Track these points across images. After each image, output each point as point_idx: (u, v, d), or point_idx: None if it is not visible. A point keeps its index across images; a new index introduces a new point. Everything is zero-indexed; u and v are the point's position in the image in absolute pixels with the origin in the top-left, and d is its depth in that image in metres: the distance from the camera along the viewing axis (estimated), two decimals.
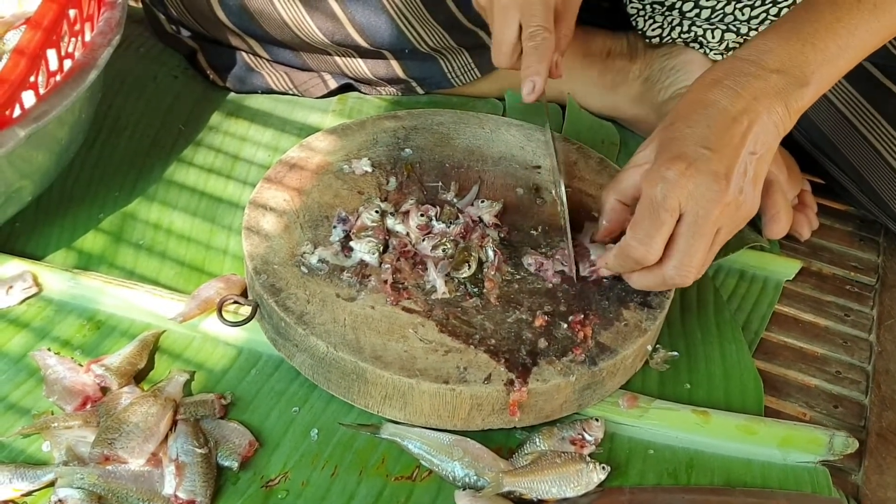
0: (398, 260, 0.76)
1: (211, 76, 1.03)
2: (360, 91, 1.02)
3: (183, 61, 1.05)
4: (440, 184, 0.85)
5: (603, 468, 0.67)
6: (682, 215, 0.65)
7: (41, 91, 0.77)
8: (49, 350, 0.73)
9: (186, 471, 0.64)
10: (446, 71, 0.99)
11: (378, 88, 1.02)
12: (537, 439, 0.70)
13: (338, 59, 0.98)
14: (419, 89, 1.01)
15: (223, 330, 0.75)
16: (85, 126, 0.83)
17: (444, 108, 0.94)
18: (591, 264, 0.76)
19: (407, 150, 0.87)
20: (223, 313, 0.74)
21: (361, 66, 0.98)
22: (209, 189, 0.91)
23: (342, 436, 0.70)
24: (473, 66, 0.98)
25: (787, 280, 0.89)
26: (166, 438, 0.67)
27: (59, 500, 0.62)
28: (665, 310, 0.75)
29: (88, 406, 0.69)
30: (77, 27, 0.82)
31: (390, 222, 0.79)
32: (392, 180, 0.84)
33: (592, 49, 1.02)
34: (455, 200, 0.83)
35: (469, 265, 0.75)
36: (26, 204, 0.80)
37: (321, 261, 0.75)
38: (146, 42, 1.07)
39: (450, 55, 0.98)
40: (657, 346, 0.78)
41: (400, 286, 0.74)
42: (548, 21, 0.73)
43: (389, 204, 0.81)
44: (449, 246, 0.77)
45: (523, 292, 0.75)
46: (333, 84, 1.01)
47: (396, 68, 0.98)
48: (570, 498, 0.66)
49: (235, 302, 0.76)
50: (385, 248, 0.77)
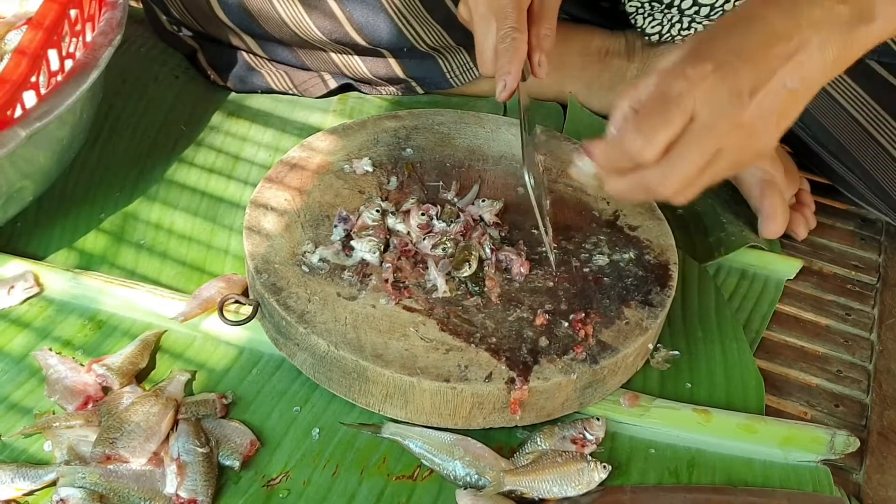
0: (399, 259, 0.76)
1: (212, 76, 1.03)
2: (361, 91, 1.02)
3: (184, 61, 1.05)
4: (441, 183, 0.85)
5: (604, 467, 0.67)
6: (691, 120, 0.58)
7: (42, 91, 0.77)
8: (50, 350, 0.74)
9: (188, 470, 0.64)
10: (445, 71, 0.99)
11: (378, 88, 1.02)
12: (538, 438, 0.70)
13: (336, 59, 0.98)
14: (419, 89, 1.01)
15: (224, 329, 0.75)
16: (86, 126, 0.83)
17: (445, 108, 0.94)
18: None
19: (408, 150, 0.87)
20: (224, 313, 0.74)
21: (360, 66, 0.98)
22: (210, 189, 0.91)
23: (343, 435, 0.70)
24: (472, 66, 0.98)
25: (788, 279, 0.89)
26: (168, 438, 0.67)
27: (61, 500, 0.62)
28: (666, 308, 0.75)
29: (90, 406, 0.69)
30: (78, 27, 0.82)
31: (391, 221, 0.79)
32: (393, 180, 0.84)
33: (590, 48, 1.02)
34: (456, 200, 0.83)
35: (470, 264, 0.75)
36: (28, 204, 0.80)
37: (322, 260, 0.75)
38: (147, 42, 1.07)
39: (448, 54, 0.98)
40: (658, 345, 0.78)
41: (401, 285, 0.74)
42: (519, 23, 0.73)
43: (390, 203, 0.81)
44: (449, 245, 0.77)
45: (524, 291, 0.75)
46: (333, 84, 1.01)
47: (395, 68, 0.98)
48: (572, 497, 0.66)
49: (237, 301, 0.76)
50: (386, 248, 0.77)
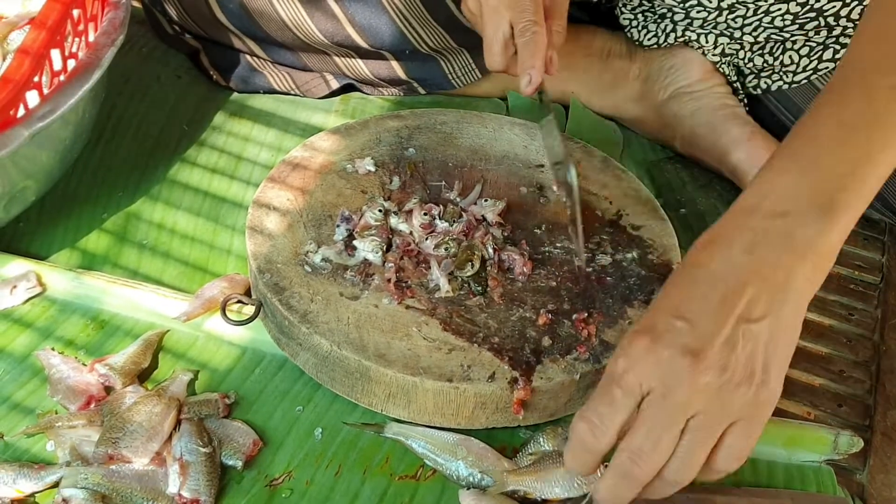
0: (401, 259, 0.76)
1: (214, 76, 1.03)
2: (363, 91, 1.02)
3: (186, 61, 1.05)
4: (443, 183, 0.85)
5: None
6: (645, 396, 0.53)
7: (45, 91, 0.77)
8: (53, 349, 0.73)
9: (190, 470, 0.64)
10: (447, 72, 0.99)
11: (380, 89, 1.02)
12: (541, 439, 0.69)
13: (338, 60, 0.98)
14: (421, 90, 1.01)
15: (227, 329, 0.75)
16: (88, 126, 0.83)
17: (447, 108, 0.94)
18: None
19: (410, 150, 0.87)
20: (227, 312, 0.74)
21: (362, 68, 0.98)
22: (213, 189, 0.91)
23: (346, 435, 0.70)
24: (474, 67, 0.98)
25: None
26: (170, 438, 0.66)
27: (64, 500, 0.62)
28: None
29: (92, 405, 0.69)
30: (81, 27, 0.82)
31: (394, 221, 0.79)
32: (395, 179, 0.84)
33: (592, 49, 1.02)
34: (458, 199, 0.83)
35: (472, 264, 0.75)
36: (30, 204, 0.80)
37: (324, 260, 0.75)
38: (149, 42, 1.07)
39: (450, 56, 0.98)
40: None
41: (403, 285, 0.74)
42: (538, 16, 0.74)
43: (393, 203, 0.81)
44: (452, 244, 0.76)
45: (527, 290, 0.75)
46: (335, 84, 1.01)
47: (397, 69, 0.98)
48: (574, 498, 0.66)
49: (239, 301, 0.76)
50: (388, 247, 0.77)
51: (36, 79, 0.75)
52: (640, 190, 0.86)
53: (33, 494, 0.64)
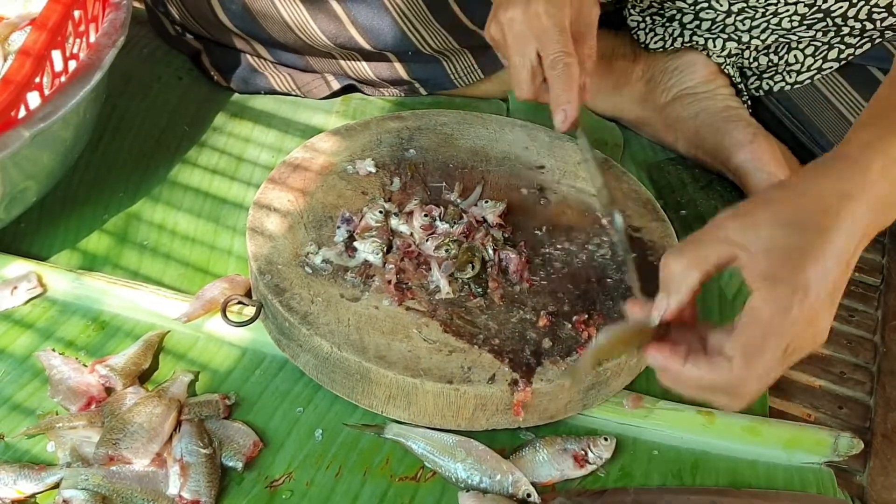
0: (402, 260, 0.76)
1: (215, 77, 1.03)
2: (363, 92, 1.02)
3: (187, 62, 1.05)
4: (444, 184, 0.85)
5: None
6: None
7: (46, 92, 0.77)
8: (54, 350, 0.74)
9: (191, 471, 0.64)
10: (449, 72, 0.99)
11: (381, 89, 1.02)
12: (538, 444, 0.69)
13: (341, 61, 0.98)
14: (422, 90, 1.01)
15: (227, 330, 0.75)
16: (89, 127, 0.83)
17: (448, 109, 0.94)
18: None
19: (411, 151, 0.87)
20: (227, 313, 0.74)
21: (365, 68, 0.98)
22: (213, 190, 0.91)
23: (346, 436, 0.70)
24: (476, 67, 0.98)
25: None
26: (171, 439, 0.67)
27: (65, 501, 0.62)
28: None
29: (93, 406, 0.69)
30: (82, 28, 0.82)
31: (394, 222, 0.79)
32: (396, 181, 0.84)
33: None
34: (459, 201, 0.83)
35: (473, 265, 0.75)
36: (31, 204, 0.80)
37: (325, 261, 0.75)
38: (150, 43, 1.07)
39: (453, 56, 0.98)
40: None
41: (404, 286, 0.74)
42: (567, 45, 0.71)
43: (393, 204, 0.81)
44: (452, 246, 0.76)
45: (527, 292, 0.75)
46: (336, 85, 1.01)
47: (400, 70, 0.98)
48: (575, 499, 0.66)
49: (240, 302, 0.76)
50: (389, 249, 0.77)
51: (37, 80, 0.75)
52: (641, 191, 0.86)
53: (34, 495, 0.64)
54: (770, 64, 0.95)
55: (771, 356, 0.55)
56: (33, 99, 0.75)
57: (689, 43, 0.94)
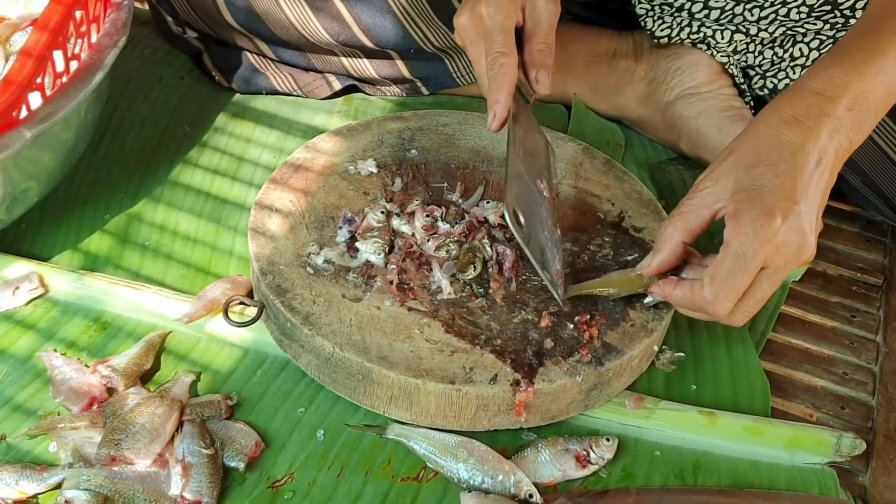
0: (404, 260, 0.76)
1: (216, 77, 1.03)
2: (365, 92, 1.02)
3: (188, 63, 1.05)
4: (445, 185, 0.84)
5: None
6: (763, 268, 0.64)
7: (48, 92, 0.77)
8: (55, 351, 0.73)
9: (193, 471, 0.64)
10: (451, 70, 0.99)
11: (382, 89, 1.02)
12: (540, 445, 0.69)
13: (343, 60, 0.98)
14: (424, 89, 1.01)
15: (229, 331, 0.75)
16: (91, 127, 0.83)
17: (449, 109, 0.94)
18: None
19: (412, 151, 0.87)
20: (229, 314, 0.74)
21: (367, 66, 0.98)
22: (215, 190, 0.91)
23: (348, 436, 0.70)
24: None
25: (794, 281, 0.89)
26: (172, 439, 0.66)
27: (66, 502, 0.62)
28: (672, 311, 0.74)
29: (95, 407, 0.69)
30: (83, 28, 0.82)
31: (396, 223, 0.79)
32: (397, 181, 0.84)
33: (598, 50, 1.02)
34: (460, 201, 0.83)
35: (475, 266, 0.75)
36: (32, 205, 0.80)
37: (327, 261, 0.75)
38: (152, 44, 1.07)
39: (455, 55, 0.98)
40: (663, 347, 0.78)
41: (406, 287, 0.74)
42: (504, 45, 0.72)
43: (395, 205, 0.81)
44: (453, 247, 0.76)
45: (529, 293, 0.75)
46: (338, 85, 1.01)
47: (402, 68, 0.98)
48: (577, 500, 0.66)
49: (241, 303, 0.76)
50: (391, 249, 0.77)
51: (38, 80, 0.75)
52: (643, 191, 0.86)
53: (36, 496, 0.64)
54: (775, 58, 0.95)
55: (738, 279, 0.63)
56: (35, 99, 0.75)
57: (697, 34, 0.94)
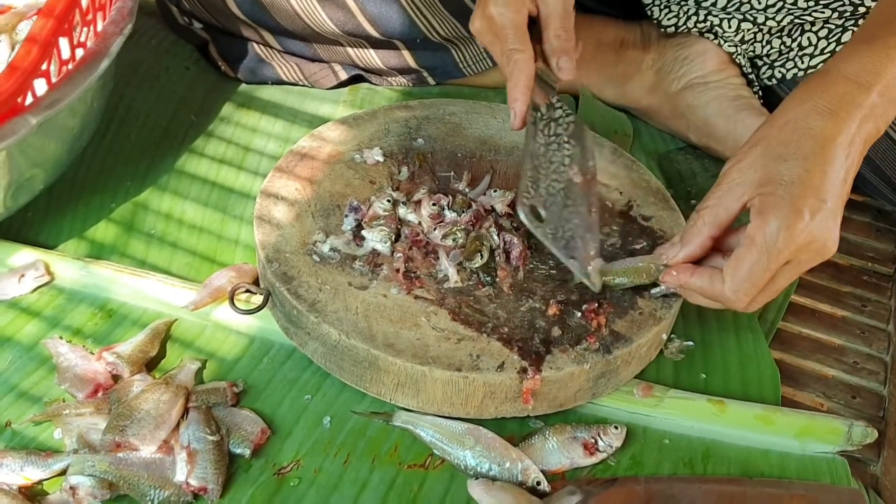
0: (410, 249, 0.75)
1: (222, 67, 1.02)
2: (371, 82, 1.02)
3: (195, 52, 1.05)
4: (452, 174, 0.84)
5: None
6: (787, 263, 0.64)
7: (53, 80, 0.77)
8: (61, 338, 0.73)
9: (198, 458, 0.64)
10: (458, 61, 0.98)
11: (388, 79, 1.01)
12: (547, 433, 0.69)
13: (349, 50, 0.98)
14: (430, 79, 1.00)
15: (235, 319, 0.75)
16: (97, 115, 0.83)
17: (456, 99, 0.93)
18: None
19: (419, 140, 0.87)
20: (235, 301, 0.74)
21: (372, 56, 0.98)
22: (220, 179, 0.91)
23: (355, 423, 0.70)
24: (485, 56, 0.98)
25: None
26: (178, 426, 0.66)
27: (71, 488, 0.62)
28: (681, 299, 0.74)
29: (100, 394, 0.69)
30: (89, 16, 0.81)
31: (402, 211, 0.78)
32: (404, 170, 0.83)
33: (605, 39, 1.01)
34: (467, 190, 0.82)
35: (481, 254, 0.74)
36: (38, 193, 0.80)
37: (333, 249, 0.75)
38: (158, 34, 1.07)
39: (461, 45, 0.97)
40: (672, 336, 0.77)
41: (412, 275, 0.74)
42: (518, 41, 0.71)
43: (401, 193, 0.80)
44: (460, 235, 0.76)
45: (536, 281, 0.74)
46: (344, 75, 1.01)
47: (408, 58, 0.98)
48: (585, 488, 0.65)
49: (247, 290, 0.75)
50: (397, 237, 0.76)
51: (44, 67, 0.75)
52: (651, 180, 0.85)
53: (40, 482, 0.64)
54: (783, 48, 0.94)
55: (760, 276, 0.63)
56: (40, 86, 0.75)
57: (704, 23, 0.93)
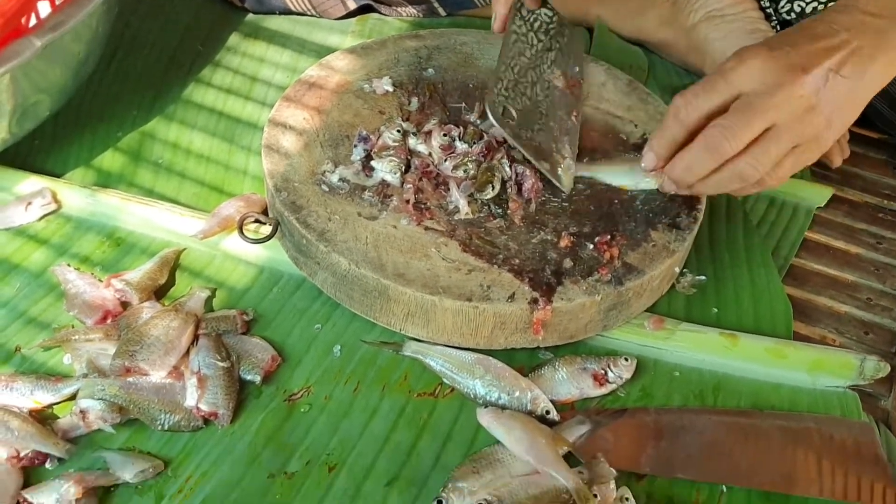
0: (420, 180, 0.74)
1: None
2: (380, 12, 0.99)
3: None
4: (463, 105, 0.82)
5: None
6: (742, 94, 0.63)
7: (57, 2, 0.75)
8: (69, 266, 0.73)
9: (208, 383, 0.64)
10: None
11: (398, 9, 0.99)
12: (557, 363, 0.69)
13: None
14: (441, 10, 0.98)
15: (244, 248, 0.74)
16: (102, 41, 0.81)
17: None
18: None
19: (429, 70, 0.85)
20: (244, 231, 0.73)
21: None
22: (227, 110, 0.89)
23: (365, 353, 0.69)
24: None
25: (819, 207, 0.87)
26: (188, 353, 0.66)
27: (82, 411, 0.62)
28: (694, 232, 0.73)
29: (109, 320, 0.68)
30: None
31: (412, 142, 0.77)
32: (414, 101, 0.82)
33: None
34: (478, 122, 0.81)
35: (493, 186, 0.73)
36: (43, 120, 0.78)
37: (342, 180, 0.74)
38: None
39: None
40: (684, 270, 0.76)
41: (422, 206, 0.73)
42: None
43: (411, 124, 0.79)
44: (471, 166, 0.75)
45: (548, 213, 0.73)
46: (353, 5, 0.98)
47: None
48: (594, 418, 0.65)
49: (256, 220, 0.75)
50: (407, 168, 0.75)
51: None
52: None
53: (51, 406, 0.64)
54: None
55: (747, 120, 0.62)
56: (44, 8, 0.73)
57: None
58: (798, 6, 0.94)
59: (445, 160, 0.76)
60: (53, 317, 0.70)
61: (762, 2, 0.93)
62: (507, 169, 0.75)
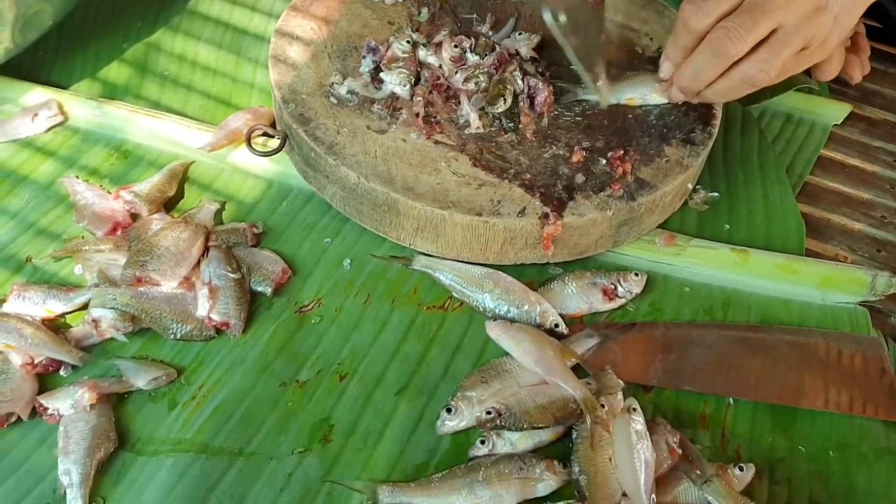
0: (430, 93, 0.73)
1: None
2: None
3: None
4: (475, 16, 0.80)
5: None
6: (775, 30, 0.62)
7: None
8: (77, 177, 0.72)
9: (220, 294, 0.64)
10: None
11: None
12: (567, 278, 0.68)
13: None
14: None
15: (252, 162, 0.74)
16: None
17: None
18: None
19: None
20: (252, 144, 0.72)
21: None
22: (234, 21, 0.87)
23: (374, 267, 0.69)
24: None
25: (835, 124, 0.85)
26: (198, 264, 0.66)
27: (94, 320, 0.63)
28: (708, 147, 0.72)
29: (119, 231, 0.68)
30: None
31: (422, 54, 0.75)
32: (424, 11, 0.80)
33: None
34: (490, 33, 0.79)
35: (505, 99, 0.72)
36: (47, 29, 0.77)
37: (350, 92, 0.72)
38: None
39: None
40: (697, 187, 0.76)
41: (432, 119, 0.72)
42: None
43: (421, 35, 0.77)
44: (482, 79, 0.73)
45: (560, 128, 0.72)
46: None
47: None
48: (604, 332, 0.66)
49: (264, 133, 0.74)
50: (416, 81, 0.74)
51: None
52: None
53: (63, 315, 0.64)
54: None
55: (752, 18, 0.61)
56: None
57: None
58: None
59: (456, 72, 0.74)
60: (63, 228, 0.70)
61: None
62: (520, 82, 0.73)
